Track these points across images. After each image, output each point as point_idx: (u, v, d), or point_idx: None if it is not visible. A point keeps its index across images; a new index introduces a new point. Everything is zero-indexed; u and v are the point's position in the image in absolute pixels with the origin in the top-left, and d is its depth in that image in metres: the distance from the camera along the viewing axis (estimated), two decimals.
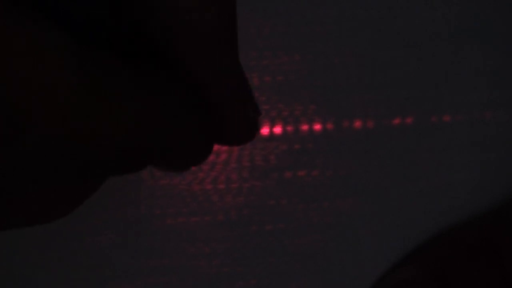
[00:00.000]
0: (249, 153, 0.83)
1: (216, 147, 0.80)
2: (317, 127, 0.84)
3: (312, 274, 0.83)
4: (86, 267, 0.78)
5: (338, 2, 0.84)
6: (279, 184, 0.82)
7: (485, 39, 0.89)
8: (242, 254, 0.82)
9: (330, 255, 0.83)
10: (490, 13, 0.89)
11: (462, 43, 0.88)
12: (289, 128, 0.84)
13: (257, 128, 0.52)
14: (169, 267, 0.81)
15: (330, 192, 0.84)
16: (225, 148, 0.83)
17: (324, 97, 0.84)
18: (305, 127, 0.84)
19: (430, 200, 0.85)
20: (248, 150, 0.83)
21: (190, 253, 0.81)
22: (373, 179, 0.84)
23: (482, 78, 0.88)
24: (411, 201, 0.85)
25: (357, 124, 0.85)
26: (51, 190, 0.43)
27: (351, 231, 0.83)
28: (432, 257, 0.79)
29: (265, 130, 0.84)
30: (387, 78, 0.86)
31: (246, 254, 0.82)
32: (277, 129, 0.84)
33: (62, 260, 0.78)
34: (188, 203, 0.82)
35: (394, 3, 0.86)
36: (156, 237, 0.80)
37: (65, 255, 0.79)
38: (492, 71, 0.89)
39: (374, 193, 0.84)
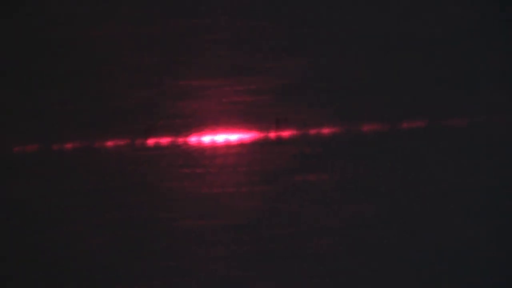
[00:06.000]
0: (259, 157, 0.84)
1: (223, 150, 0.81)
2: (326, 130, 0.84)
3: (322, 276, 0.83)
4: (87, 268, 0.80)
5: (344, 5, 0.84)
6: (289, 188, 0.83)
7: (508, 41, 0.88)
8: (252, 258, 0.83)
9: (340, 258, 0.83)
10: (510, 14, 0.88)
11: (481, 45, 0.87)
12: (297, 132, 0.84)
13: None
14: (176, 270, 0.82)
15: (340, 195, 0.84)
16: (233, 151, 0.84)
17: (332, 101, 0.84)
18: (313, 131, 0.84)
19: (437, 202, 0.84)
20: (258, 154, 0.84)
21: (198, 256, 0.82)
22: (383, 182, 0.84)
23: (503, 81, 0.87)
24: (422, 204, 0.84)
25: (367, 127, 0.85)
26: None
27: (361, 234, 0.83)
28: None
29: (273, 134, 0.84)
30: (398, 81, 0.86)
31: (255, 257, 0.83)
32: (286, 133, 0.84)
33: (62, 260, 0.80)
34: (196, 206, 0.83)
35: (403, 6, 0.86)
36: (162, 240, 0.81)
37: (66, 255, 0.80)
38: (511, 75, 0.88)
39: (384, 197, 0.84)
